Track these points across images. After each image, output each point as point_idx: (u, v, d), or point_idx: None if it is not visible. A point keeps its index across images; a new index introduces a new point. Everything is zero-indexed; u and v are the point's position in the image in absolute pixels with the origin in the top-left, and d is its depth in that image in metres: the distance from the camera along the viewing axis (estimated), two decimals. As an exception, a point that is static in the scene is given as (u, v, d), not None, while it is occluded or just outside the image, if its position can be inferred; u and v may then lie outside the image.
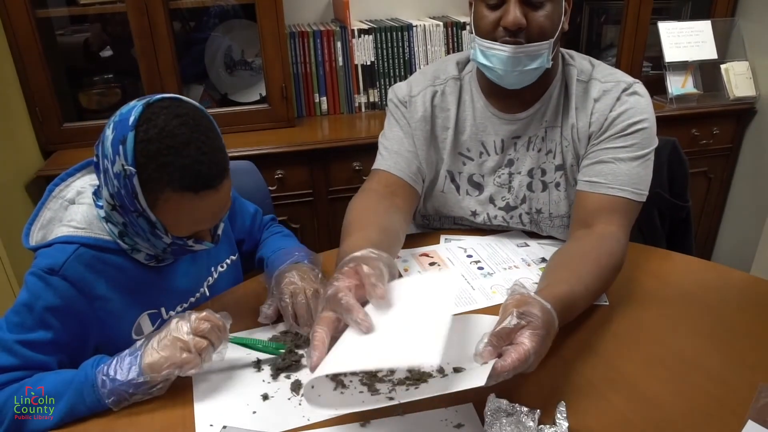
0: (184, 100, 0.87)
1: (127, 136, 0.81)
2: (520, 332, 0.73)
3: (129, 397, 0.80)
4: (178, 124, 0.82)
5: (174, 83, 1.84)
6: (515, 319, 0.73)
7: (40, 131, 1.83)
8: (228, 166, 0.88)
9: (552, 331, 0.76)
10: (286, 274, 0.98)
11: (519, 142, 1.17)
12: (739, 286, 1.08)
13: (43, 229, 0.94)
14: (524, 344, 0.72)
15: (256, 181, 1.43)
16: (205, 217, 0.89)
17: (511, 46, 1.03)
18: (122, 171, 0.82)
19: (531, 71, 1.06)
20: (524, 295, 0.77)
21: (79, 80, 1.99)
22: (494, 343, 0.72)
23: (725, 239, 2.44)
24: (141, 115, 0.82)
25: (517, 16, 1.00)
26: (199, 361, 0.81)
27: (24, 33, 1.71)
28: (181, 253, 0.97)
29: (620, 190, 1.06)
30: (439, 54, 2.12)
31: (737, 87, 2.17)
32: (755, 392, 0.78)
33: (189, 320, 0.83)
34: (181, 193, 0.82)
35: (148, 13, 1.75)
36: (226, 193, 0.88)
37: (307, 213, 1.97)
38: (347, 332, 0.74)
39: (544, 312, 0.75)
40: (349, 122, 2.07)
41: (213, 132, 0.86)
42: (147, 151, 0.81)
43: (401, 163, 1.18)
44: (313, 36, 2.01)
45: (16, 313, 0.86)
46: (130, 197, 0.83)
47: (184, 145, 0.81)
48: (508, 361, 0.70)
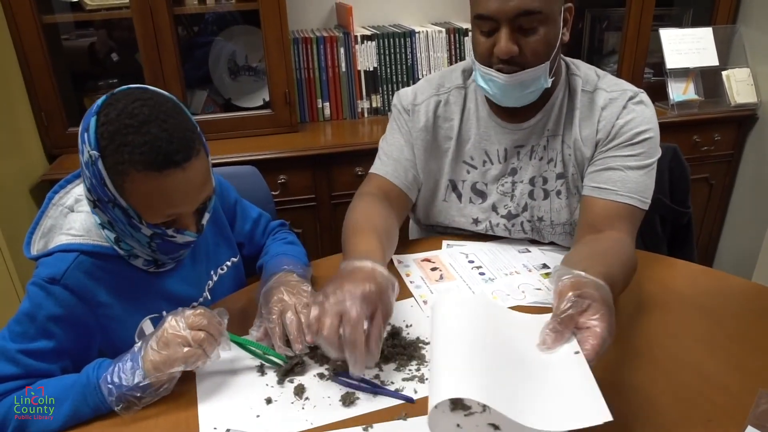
0: (150, 88, 0.86)
1: (89, 122, 0.82)
2: (584, 315, 0.71)
3: (138, 401, 0.80)
4: (139, 106, 0.81)
5: (178, 88, 1.85)
6: (575, 302, 0.70)
7: (46, 135, 1.85)
8: (197, 146, 0.84)
9: (612, 307, 0.73)
10: (273, 291, 0.95)
11: (522, 151, 1.18)
12: (740, 293, 1.09)
13: (45, 238, 0.94)
14: (596, 327, 0.69)
15: (259, 185, 1.44)
16: (175, 198, 0.85)
17: (506, 75, 1.03)
18: (89, 158, 0.82)
19: (529, 93, 1.07)
20: (577, 277, 0.74)
21: (84, 85, 2.01)
22: (558, 329, 0.70)
23: (727, 246, 2.45)
24: (104, 102, 0.83)
25: (508, 46, 1.00)
26: (202, 352, 0.81)
27: (30, 38, 1.73)
28: (168, 250, 0.94)
29: (629, 198, 1.07)
30: (442, 60, 2.13)
31: (738, 93, 2.18)
32: (755, 398, 0.78)
33: (183, 316, 0.83)
34: (144, 172, 0.81)
35: (152, 18, 1.77)
36: (197, 175, 0.85)
37: (309, 218, 1.97)
38: (456, 348, 0.68)
39: (600, 288, 0.73)
40: (352, 128, 2.09)
41: (179, 114, 0.84)
42: (107, 133, 0.81)
43: (399, 171, 1.19)
44: (317, 42, 2.02)
45: (19, 323, 0.86)
46: (101, 185, 0.83)
47: (143, 124, 0.80)
48: (588, 348, 0.68)
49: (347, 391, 0.83)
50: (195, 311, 0.83)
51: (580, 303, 0.71)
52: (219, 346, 0.84)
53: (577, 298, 0.71)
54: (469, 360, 0.66)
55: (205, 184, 0.89)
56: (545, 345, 0.70)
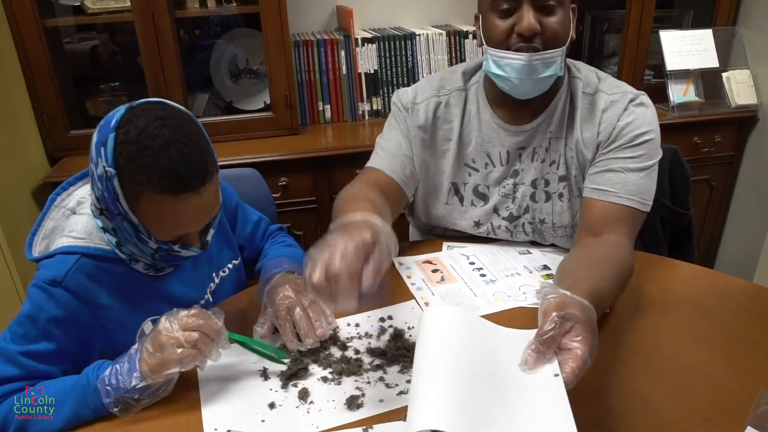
0: (168, 103, 0.86)
1: (108, 137, 0.81)
2: (566, 336, 0.71)
3: (136, 402, 0.80)
4: (159, 126, 0.81)
5: (179, 91, 1.86)
6: (558, 322, 0.70)
7: (47, 138, 1.85)
8: (212, 170, 0.86)
9: (596, 328, 0.73)
10: (279, 288, 0.96)
11: (524, 153, 1.18)
12: (740, 294, 1.09)
13: (46, 239, 0.95)
14: (578, 349, 0.69)
15: (260, 188, 1.44)
16: (187, 220, 0.87)
17: (526, 54, 1.04)
18: (104, 173, 0.82)
19: (545, 79, 1.07)
20: (562, 297, 0.74)
21: (86, 88, 2.02)
22: (541, 350, 0.70)
23: (728, 247, 2.44)
24: (123, 117, 0.82)
25: (531, 22, 1.01)
26: (197, 353, 0.81)
27: (32, 41, 1.74)
28: (171, 260, 0.96)
29: (628, 200, 1.07)
30: (442, 62, 2.14)
31: (739, 95, 2.18)
32: (755, 398, 0.78)
33: (177, 317, 0.82)
34: (161, 195, 0.81)
35: (154, 21, 1.78)
36: (209, 197, 0.86)
37: (310, 219, 1.98)
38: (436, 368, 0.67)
39: (584, 310, 0.73)
40: (353, 130, 2.09)
41: (197, 135, 0.85)
42: (126, 152, 0.80)
43: (395, 165, 1.18)
44: (317, 45, 2.02)
45: (20, 325, 0.86)
46: (112, 199, 0.83)
47: (163, 146, 0.80)
48: (568, 370, 0.68)
49: (352, 394, 0.83)
50: (189, 312, 0.83)
51: (563, 324, 0.71)
52: (218, 345, 0.84)
53: (561, 319, 0.71)
54: (448, 384, 0.65)
55: (215, 204, 0.90)
56: (527, 365, 0.70)
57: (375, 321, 1.00)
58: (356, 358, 0.91)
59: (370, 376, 0.87)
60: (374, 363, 0.90)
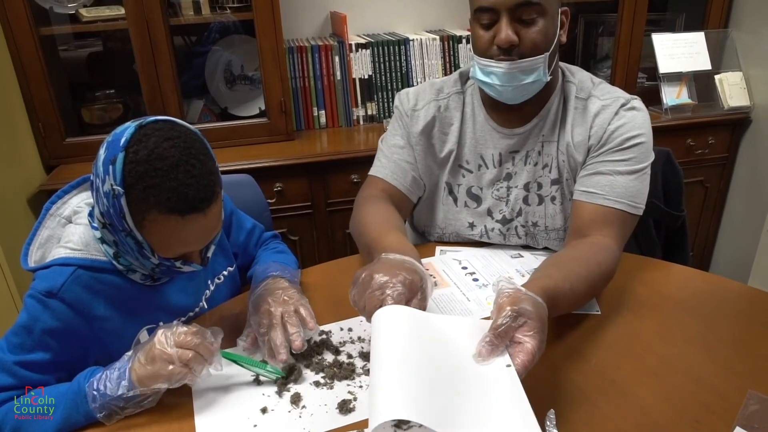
0: (177, 122, 0.86)
1: (117, 156, 0.81)
2: (518, 330, 0.74)
3: (120, 411, 0.81)
4: (169, 147, 0.81)
5: (174, 98, 1.87)
6: (511, 317, 0.74)
7: (43, 146, 1.86)
8: (218, 190, 0.87)
9: (546, 323, 0.77)
10: (261, 301, 0.96)
11: (517, 157, 1.19)
12: (733, 296, 1.09)
13: (42, 248, 0.95)
14: (528, 343, 0.73)
15: (255, 194, 1.45)
16: (191, 239, 0.88)
17: (506, 62, 1.05)
18: (111, 191, 0.82)
19: (528, 85, 1.08)
20: (516, 292, 0.78)
21: (82, 95, 2.02)
22: (494, 342, 0.74)
23: (723, 250, 2.45)
24: (132, 137, 0.82)
25: (508, 35, 1.03)
26: (187, 371, 0.82)
27: (27, 50, 1.74)
28: (170, 274, 0.97)
29: (616, 202, 1.08)
30: (436, 67, 2.15)
31: (731, 97, 2.20)
32: (744, 399, 0.79)
33: (174, 333, 0.83)
34: (167, 215, 0.82)
35: (149, 29, 1.79)
36: (214, 217, 0.87)
37: (306, 225, 1.98)
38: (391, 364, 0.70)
39: (537, 306, 0.76)
40: (348, 135, 2.10)
41: (204, 155, 0.85)
42: (135, 173, 0.80)
43: (398, 173, 1.21)
44: (312, 51, 2.04)
45: (16, 335, 0.87)
46: (118, 216, 0.83)
47: (172, 168, 0.81)
48: (519, 363, 0.72)
49: (344, 398, 0.84)
50: (189, 329, 0.83)
51: (516, 319, 0.74)
52: (210, 366, 0.84)
53: (515, 313, 0.74)
54: (405, 377, 0.68)
55: (218, 223, 0.91)
56: (480, 357, 0.74)
57: (368, 326, 1.00)
58: (349, 362, 0.91)
59: (362, 380, 0.88)
60: (366, 367, 0.90)
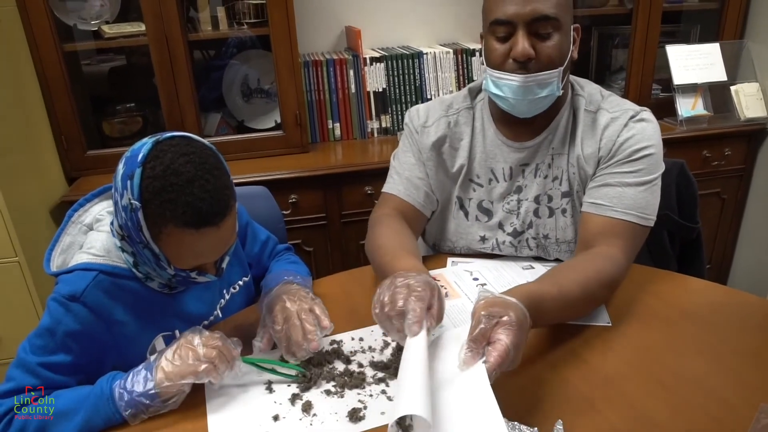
0: (193, 138, 0.89)
1: (135, 171, 0.84)
2: (494, 330, 0.77)
3: (146, 409, 0.84)
4: (184, 162, 0.84)
5: (192, 112, 1.91)
6: (485, 319, 0.77)
7: (65, 158, 1.91)
8: (232, 203, 0.89)
9: (525, 323, 0.79)
10: (275, 300, 0.99)
11: (527, 170, 1.20)
12: (748, 309, 1.08)
13: (64, 254, 0.98)
14: (501, 340, 0.75)
15: (270, 205, 1.47)
16: (206, 251, 0.90)
17: (521, 75, 1.06)
18: (129, 204, 0.85)
19: (541, 99, 1.09)
20: (490, 297, 0.81)
21: (103, 109, 2.07)
22: (473, 347, 0.76)
23: (741, 262, 2.42)
24: (150, 152, 0.85)
25: (525, 48, 1.03)
26: (212, 368, 0.85)
27: (51, 65, 1.80)
28: (186, 284, 1.00)
29: (625, 214, 1.08)
30: (450, 80, 2.17)
31: (748, 108, 2.18)
32: (755, 413, 0.78)
33: (200, 333, 0.87)
34: (182, 228, 0.84)
35: (168, 45, 1.83)
36: (227, 230, 0.90)
37: (320, 236, 2.00)
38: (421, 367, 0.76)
39: (511, 306, 0.79)
40: (362, 147, 2.12)
41: (219, 170, 0.88)
42: (152, 188, 0.83)
43: (410, 190, 1.22)
44: (327, 64, 2.07)
45: (39, 337, 0.90)
46: (136, 229, 0.87)
47: (188, 183, 0.83)
48: (491, 360, 0.74)
49: (354, 407, 0.85)
50: (212, 334, 0.88)
51: (488, 320, 0.77)
52: (231, 370, 0.88)
53: (487, 316, 0.77)
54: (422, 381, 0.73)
55: (232, 235, 0.94)
56: (466, 365, 0.76)
57: (378, 335, 1.02)
58: (359, 371, 0.93)
59: (372, 389, 0.89)
60: (377, 376, 0.91)
